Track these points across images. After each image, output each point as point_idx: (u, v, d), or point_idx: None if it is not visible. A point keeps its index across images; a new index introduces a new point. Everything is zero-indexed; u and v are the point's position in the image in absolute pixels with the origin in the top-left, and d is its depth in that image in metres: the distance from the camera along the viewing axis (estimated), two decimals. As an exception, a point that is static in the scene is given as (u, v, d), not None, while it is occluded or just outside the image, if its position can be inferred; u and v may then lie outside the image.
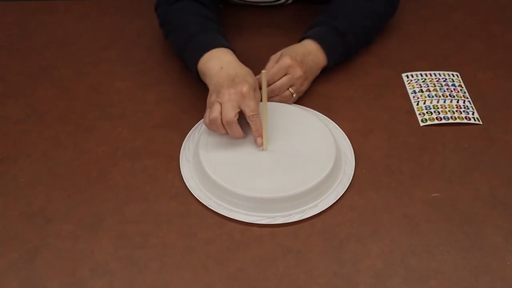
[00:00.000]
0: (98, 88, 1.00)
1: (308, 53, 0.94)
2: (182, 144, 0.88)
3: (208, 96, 0.85)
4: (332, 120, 0.93)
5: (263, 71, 0.82)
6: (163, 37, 1.04)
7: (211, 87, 0.85)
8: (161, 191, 0.82)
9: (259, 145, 0.83)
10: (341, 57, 1.00)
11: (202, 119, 0.92)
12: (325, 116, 0.93)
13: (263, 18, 1.15)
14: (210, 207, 0.79)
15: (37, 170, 0.85)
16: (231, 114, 0.81)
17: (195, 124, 0.91)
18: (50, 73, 1.04)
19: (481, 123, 0.93)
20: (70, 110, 0.96)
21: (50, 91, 1.00)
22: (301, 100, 0.95)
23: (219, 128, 0.82)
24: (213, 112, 0.82)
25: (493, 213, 0.79)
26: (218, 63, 0.86)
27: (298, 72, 0.91)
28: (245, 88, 0.81)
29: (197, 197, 0.81)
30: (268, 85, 0.89)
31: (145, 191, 0.82)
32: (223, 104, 0.81)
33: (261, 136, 0.83)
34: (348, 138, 0.89)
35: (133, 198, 0.81)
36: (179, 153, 0.87)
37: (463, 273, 0.72)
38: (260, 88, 0.82)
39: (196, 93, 0.98)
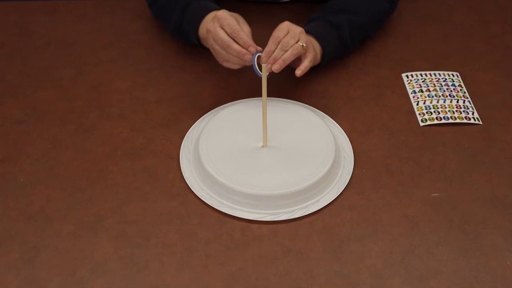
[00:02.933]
0: (98, 88, 1.00)
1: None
2: (181, 144, 0.88)
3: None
4: (332, 120, 0.93)
5: (263, 65, 0.82)
6: (152, 15, 1.10)
7: None
8: (161, 191, 0.82)
9: (252, 52, 0.85)
10: (336, 53, 0.99)
11: (200, 118, 0.92)
12: (323, 113, 0.94)
13: (260, 17, 1.15)
14: (213, 206, 0.79)
15: (37, 170, 0.85)
16: (219, 34, 0.85)
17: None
18: (50, 73, 1.04)
19: (481, 123, 0.93)
20: (70, 110, 0.96)
21: (50, 91, 1.00)
22: (300, 98, 0.95)
23: (232, 51, 0.85)
24: (214, 51, 0.88)
25: (493, 213, 0.79)
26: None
27: (298, 28, 0.88)
28: (218, 12, 0.86)
29: (199, 197, 0.81)
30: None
31: (145, 191, 0.82)
32: (212, 36, 0.86)
33: (251, 45, 0.85)
34: (348, 137, 0.90)
35: (133, 198, 0.81)
36: (179, 153, 0.87)
37: (463, 273, 0.72)
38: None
39: (196, 93, 0.98)
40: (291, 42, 0.86)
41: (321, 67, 0.98)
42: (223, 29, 0.85)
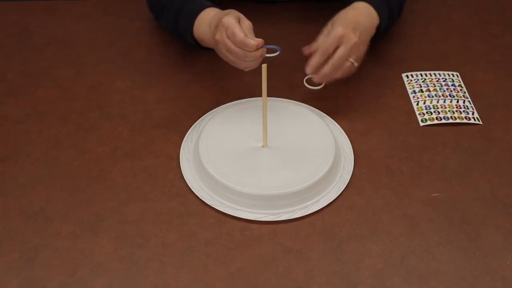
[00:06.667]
0: (98, 88, 1.00)
1: (360, 14, 0.90)
2: (181, 144, 0.88)
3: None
4: (332, 120, 0.93)
5: (263, 65, 0.82)
6: (155, 19, 1.09)
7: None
8: (161, 191, 0.82)
9: (262, 44, 0.82)
10: (387, 21, 0.96)
11: (200, 119, 0.92)
12: (323, 113, 0.94)
13: (260, 16, 1.15)
14: (213, 206, 0.79)
15: (37, 170, 0.85)
16: (231, 47, 0.82)
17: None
18: (50, 73, 1.04)
19: (481, 123, 0.93)
20: (70, 110, 0.96)
21: (50, 91, 1.00)
22: (300, 98, 0.95)
23: (249, 58, 0.83)
24: (231, 62, 0.86)
25: (493, 213, 0.79)
26: (206, 23, 0.90)
27: (352, 39, 0.85)
28: (223, 20, 0.83)
29: (199, 197, 0.81)
30: (326, 60, 0.85)
31: (145, 191, 0.82)
32: (221, 46, 0.84)
33: (260, 46, 0.82)
34: (348, 137, 0.90)
35: (133, 198, 0.81)
36: (179, 153, 0.87)
37: (463, 273, 0.72)
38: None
39: (196, 93, 0.98)
40: (345, 63, 0.85)
41: (377, 37, 0.95)
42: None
